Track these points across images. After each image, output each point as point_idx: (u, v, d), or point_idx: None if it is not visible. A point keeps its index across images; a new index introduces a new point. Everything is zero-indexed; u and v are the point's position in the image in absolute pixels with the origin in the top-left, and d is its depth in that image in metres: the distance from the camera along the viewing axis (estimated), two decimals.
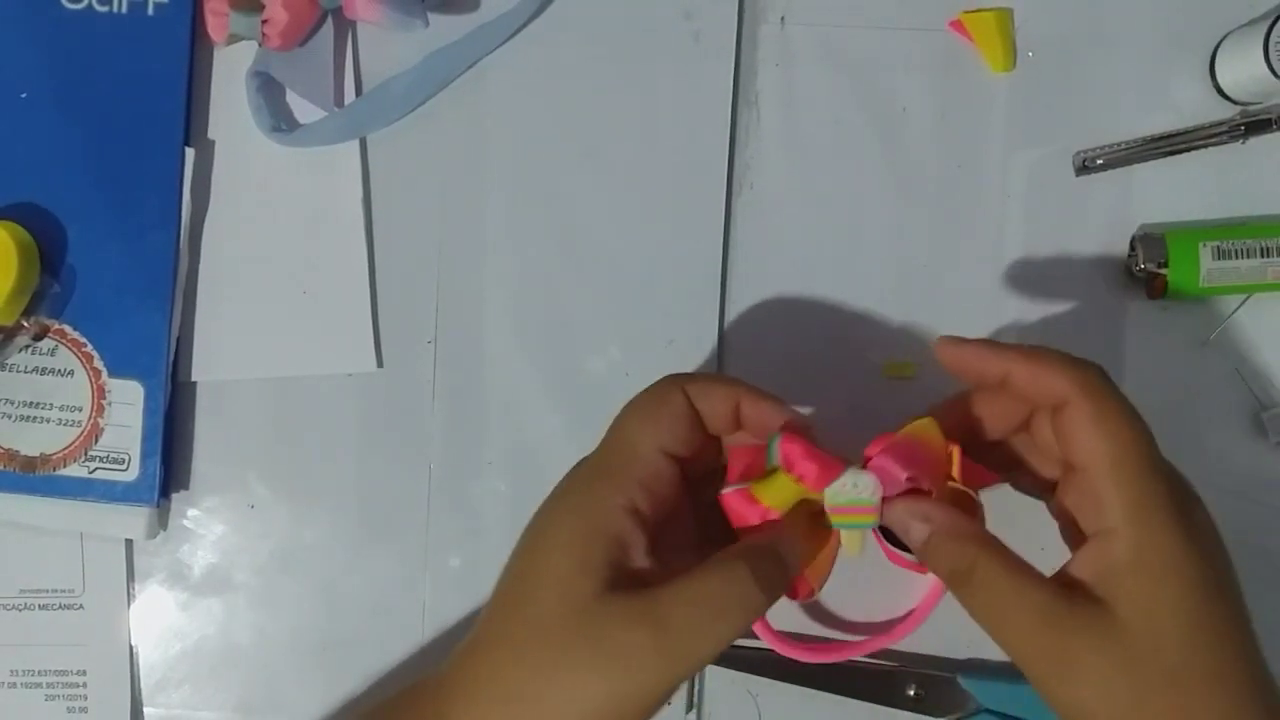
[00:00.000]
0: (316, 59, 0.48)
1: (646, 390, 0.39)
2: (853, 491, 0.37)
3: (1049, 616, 0.33)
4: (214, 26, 0.46)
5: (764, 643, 0.42)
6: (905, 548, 0.38)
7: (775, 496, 0.38)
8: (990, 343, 0.39)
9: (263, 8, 0.46)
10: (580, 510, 0.37)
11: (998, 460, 0.41)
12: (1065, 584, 0.34)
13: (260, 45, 0.47)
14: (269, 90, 0.48)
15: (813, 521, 0.38)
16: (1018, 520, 0.39)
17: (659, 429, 0.38)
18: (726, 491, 0.38)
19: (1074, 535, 0.37)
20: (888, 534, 0.38)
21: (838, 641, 0.45)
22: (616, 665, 0.33)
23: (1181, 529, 0.33)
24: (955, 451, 0.38)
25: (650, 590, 0.34)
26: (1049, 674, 0.33)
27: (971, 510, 0.38)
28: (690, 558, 0.36)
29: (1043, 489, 0.40)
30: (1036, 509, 0.41)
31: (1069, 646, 0.33)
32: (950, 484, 0.38)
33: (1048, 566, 0.35)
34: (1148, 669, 0.32)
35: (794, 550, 0.37)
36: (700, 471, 0.40)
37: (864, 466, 0.37)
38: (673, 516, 0.38)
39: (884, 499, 0.37)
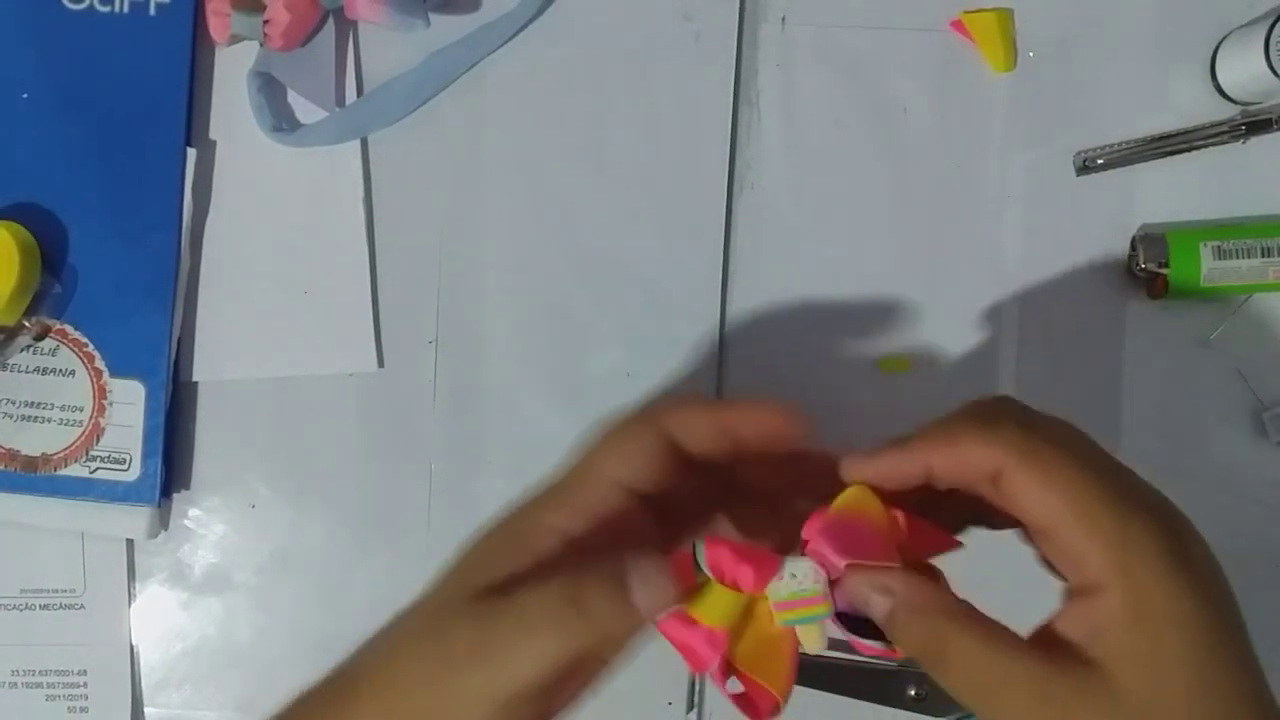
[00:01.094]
0: (318, 59, 0.48)
1: (620, 420, 0.37)
2: (794, 584, 0.33)
3: (1042, 692, 0.30)
4: (215, 27, 0.46)
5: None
6: (870, 632, 0.34)
7: (715, 613, 0.33)
8: (896, 446, 0.34)
9: (264, 8, 0.46)
10: (510, 519, 0.35)
11: (958, 510, 0.36)
12: (1052, 645, 0.31)
13: (262, 45, 0.47)
14: (270, 90, 0.48)
15: (758, 624, 0.34)
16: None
17: (619, 461, 0.35)
18: (662, 621, 0.34)
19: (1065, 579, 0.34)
20: (850, 620, 0.34)
21: None
22: (446, 672, 0.32)
23: (1175, 573, 0.30)
24: (900, 517, 0.34)
25: (508, 596, 0.33)
26: None
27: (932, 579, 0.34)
28: None
29: (1019, 530, 0.36)
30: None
31: None
32: (901, 557, 0.34)
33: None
34: None
35: (640, 578, 0.32)
36: (691, 507, 0.38)
37: (801, 552, 0.34)
38: (631, 548, 0.35)
39: (832, 582, 0.33)
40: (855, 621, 0.34)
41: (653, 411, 0.36)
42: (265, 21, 0.46)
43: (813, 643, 0.34)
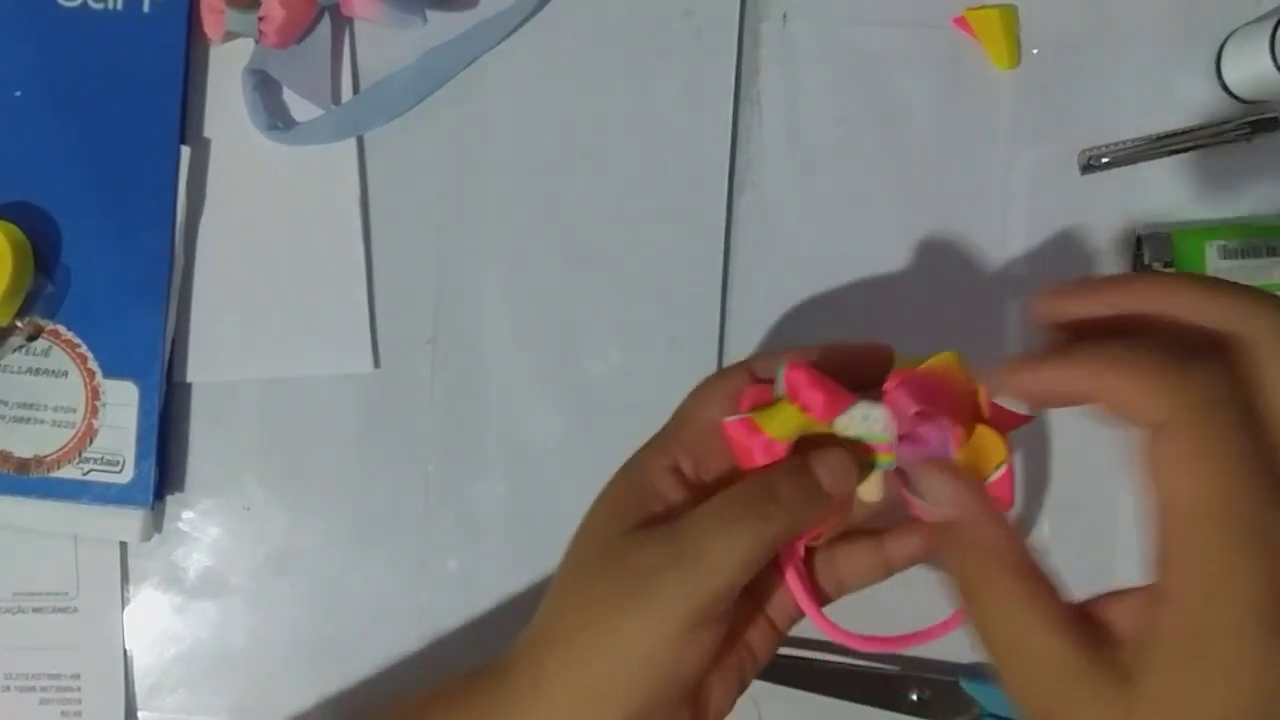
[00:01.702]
0: (313, 56, 0.48)
1: (716, 373, 0.39)
2: (863, 425, 0.34)
3: (1063, 674, 0.28)
4: (210, 24, 0.46)
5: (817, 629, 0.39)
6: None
7: (780, 426, 0.34)
8: (1072, 355, 0.29)
9: (259, 4, 0.45)
10: (624, 470, 0.37)
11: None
12: (1093, 625, 0.29)
13: (257, 43, 0.46)
14: (265, 88, 0.48)
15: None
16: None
17: (709, 399, 0.37)
18: (728, 421, 0.35)
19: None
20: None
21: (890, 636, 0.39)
22: (636, 592, 0.33)
23: (1253, 620, 0.26)
24: (981, 390, 0.34)
25: (674, 521, 0.34)
26: None
27: (997, 455, 0.34)
28: None
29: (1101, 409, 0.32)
30: None
31: (1076, 716, 0.28)
32: (979, 425, 0.34)
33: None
34: None
35: (826, 467, 0.34)
36: None
37: (880, 400, 0.34)
38: (731, 483, 0.36)
39: (902, 438, 0.34)
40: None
41: (743, 361, 0.38)
42: (260, 18, 0.45)
43: (870, 491, 0.35)
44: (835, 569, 0.38)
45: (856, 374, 0.36)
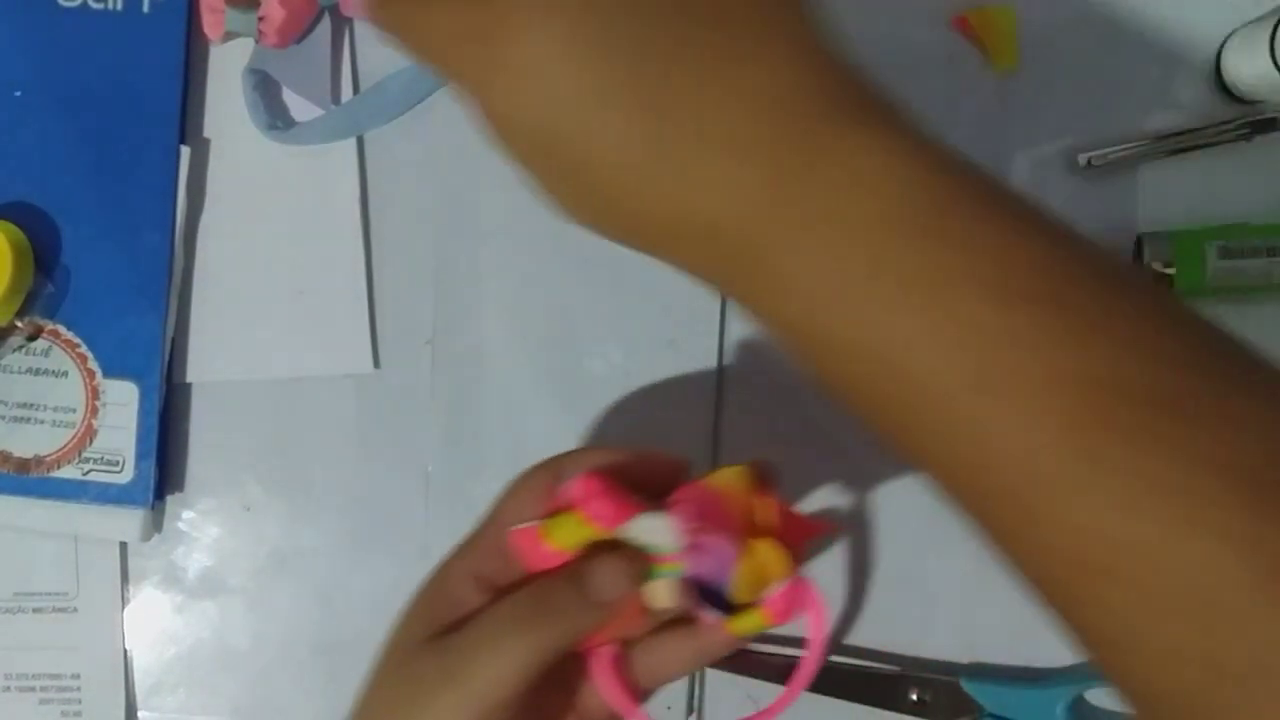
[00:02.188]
0: (313, 56, 0.48)
1: (525, 470, 0.39)
2: (649, 536, 0.34)
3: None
4: (210, 24, 0.46)
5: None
6: (724, 606, 0.35)
7: (565, 537, 0.34)
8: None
9: (259, 4, 0.45)
10: (429, 576, 0.37)
11: None
12: None
13: (257, 43, 0.46)
14: (265, 88, 0.48)
15: None
16: None
17: (517, 499, 0.37)
18: (514, 530, 0.35)
19: None
20: (704, 591, 0.35)
21: None
22: (415, 708, 0.33)
23: None
24: (764, 504, 0.35)
25: (469, 621, 0.34)
26: None
27: (777, 570, 0.34)
28: None
29: None
30: None
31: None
32: (762, 540, 0.34)
33: None
34: None
35: (600, 576, 0.34)
36: None
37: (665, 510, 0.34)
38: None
39: (690, 547, 0.34)
40: (710, 593, 0.34)
41: (553, 458, 0.38)
42: (260, 18, 0.45)
43: (661, 598, 0.35)
44: (651, 660, 0.37)
45: (657, 481, 0.36)
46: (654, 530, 0.34)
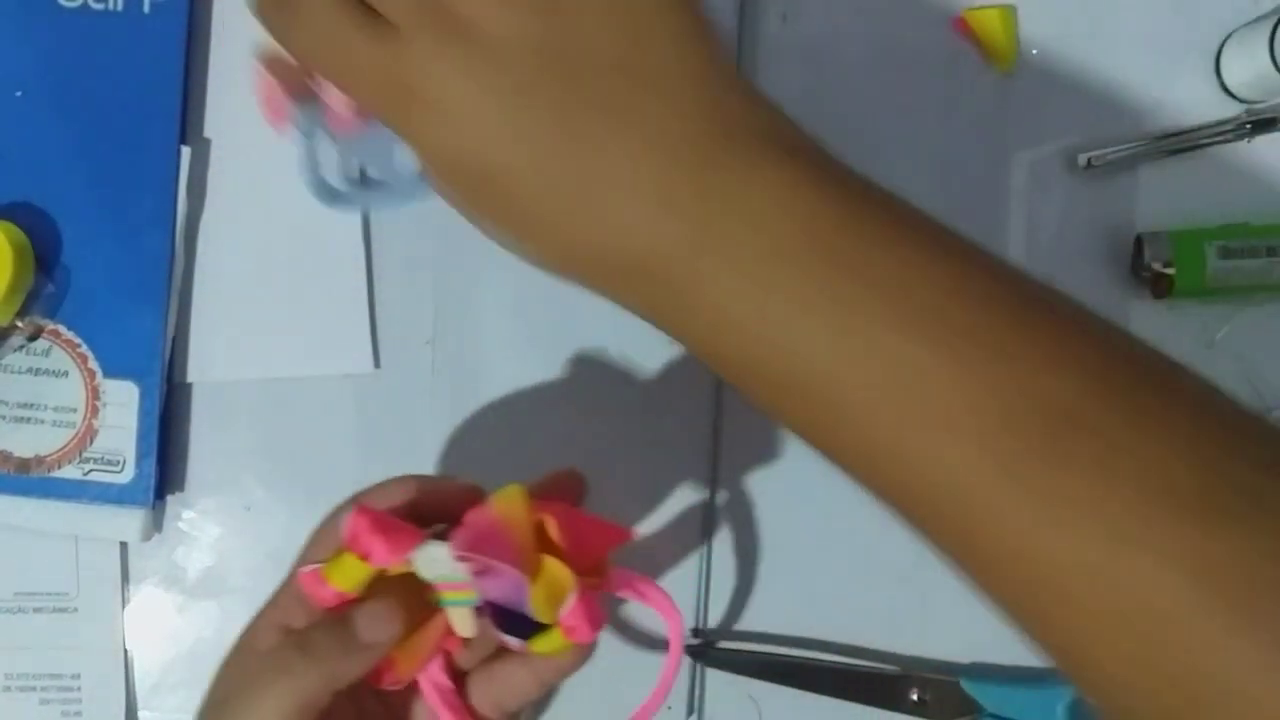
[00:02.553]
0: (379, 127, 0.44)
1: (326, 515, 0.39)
2: (436, 567, 0.34)
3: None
4: (272, 113, 0.41)
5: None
6: (520, 630, 0.34)
7: (345, 577, 0.34)
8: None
9: (317, 96, 0.39)
10: (245, 628, 0.37)
11: None
12: None
13: (333, 140, 0.42)
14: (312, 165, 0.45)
15: (416, 598, 0.35)
16: None
17: (317, 543, 0.38)
18: (301, 573, 0.35)
19: None
20: (504, 614, 0.34)
21: None
22: None
23: None
24: (548, 521, 0.34)
25: None
26: None
27: (565, 586, 0.34)
28: None
29: None
30: None
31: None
32: (547, 558, 0.34)
33: None
34: None
35: (365, 617, 0.34)
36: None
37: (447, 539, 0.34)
38: None
39: (481, 573, 0.33)
40: (510, 616, 0.34)
41: (356, 494, 0.38)
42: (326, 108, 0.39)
43: (463, 627, 0.35)
44: (492, 688, 0.37)
45: (453, 510, 0.35)
46: (435, 561, 0.34)
